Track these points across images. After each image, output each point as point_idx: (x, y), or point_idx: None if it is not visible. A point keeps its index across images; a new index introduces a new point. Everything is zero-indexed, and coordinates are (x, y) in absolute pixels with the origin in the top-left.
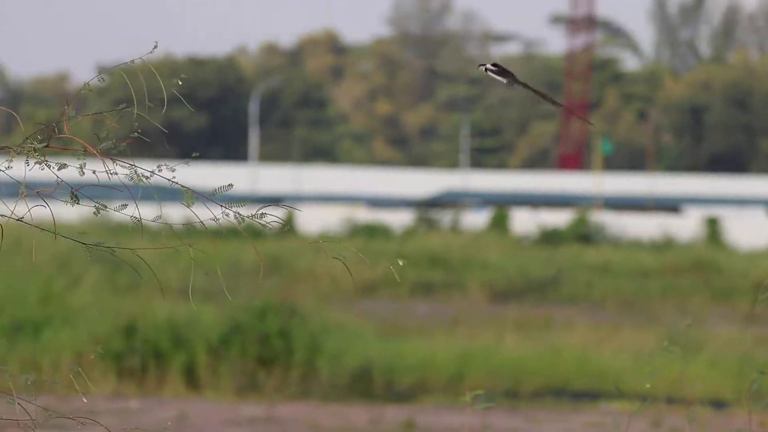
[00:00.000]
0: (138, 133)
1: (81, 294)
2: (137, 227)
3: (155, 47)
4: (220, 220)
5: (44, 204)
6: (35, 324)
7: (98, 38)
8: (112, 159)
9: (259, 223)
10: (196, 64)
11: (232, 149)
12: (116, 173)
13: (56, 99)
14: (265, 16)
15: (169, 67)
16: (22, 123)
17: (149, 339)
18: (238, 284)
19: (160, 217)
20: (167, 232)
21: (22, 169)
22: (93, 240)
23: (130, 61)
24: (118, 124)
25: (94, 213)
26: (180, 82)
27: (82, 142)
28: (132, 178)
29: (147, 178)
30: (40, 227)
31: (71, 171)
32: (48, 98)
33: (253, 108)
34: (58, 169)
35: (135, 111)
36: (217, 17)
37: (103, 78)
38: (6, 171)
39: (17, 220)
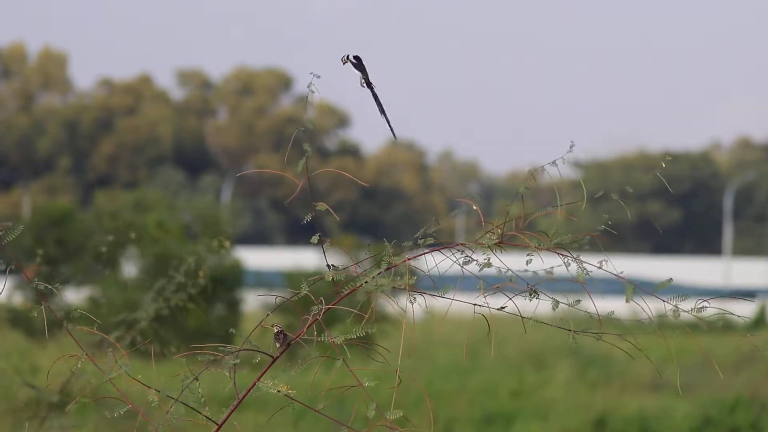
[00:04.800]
0: (608, 227)
1: (553, 388)
2: (607, 321)
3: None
4: (693, 314)
5: (508, 296)
6: (507, 417)
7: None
8: (568, 252)
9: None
10: (670, 158)
11: (705, 243)
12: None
13: (530, 194)
14: (739, 111)
15: (644, 161)
16: (493, 218)
17: None
18: (710, 378)
19: (613, 312)
20: (638, 325)
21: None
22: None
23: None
24: (590, 219)
25: (553, 308)
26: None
27: (521, 235)
28: (582, 272)
29: (589, 272)
30: (522, 317)
31: (539, 262)
32: (522, 193)
33: (728, 202)
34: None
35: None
36: (691, 112)
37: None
38: (460, 263)
39: (499, 309)
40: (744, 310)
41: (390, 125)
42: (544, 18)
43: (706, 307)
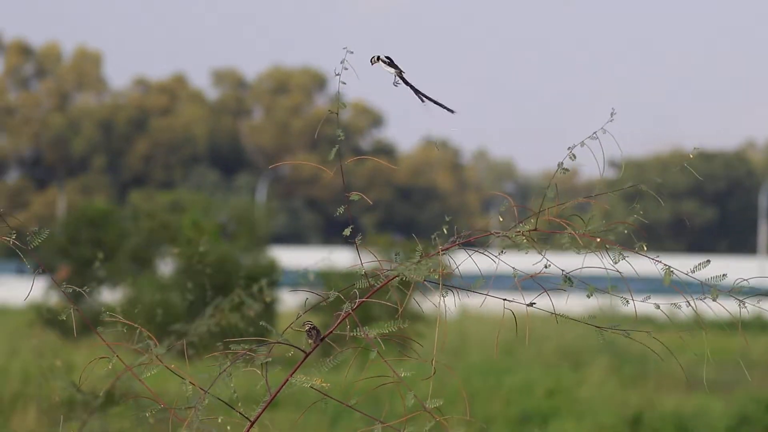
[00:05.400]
0: (641, 219)
1: (589, 386)
2: (645, 318)
3: (613, 113)
4: (732, 312)
5: (547, 293)
6: (543, 416)
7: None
8: (606, 246)
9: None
10: (705, 157)
11: (740, 242)
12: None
13: (566, 192)
14: None
15: (679, 160)
16: (528, 215)
17: (655, 431)
18: (747, 376)
19: (649, 297)
20: (674, 324)
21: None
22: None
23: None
24: (626, 217)
25: (587, 295)
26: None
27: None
28: (616, 263)
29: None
30: (554, 313)
31: (573, 260)
32: (558, 192)
33: (763, 201)
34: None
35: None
36: (727, 111)
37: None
38: (499, 258)
39: (528, 305)
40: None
41: (440, 104)
42: (579, 18)
43: (744, 286)
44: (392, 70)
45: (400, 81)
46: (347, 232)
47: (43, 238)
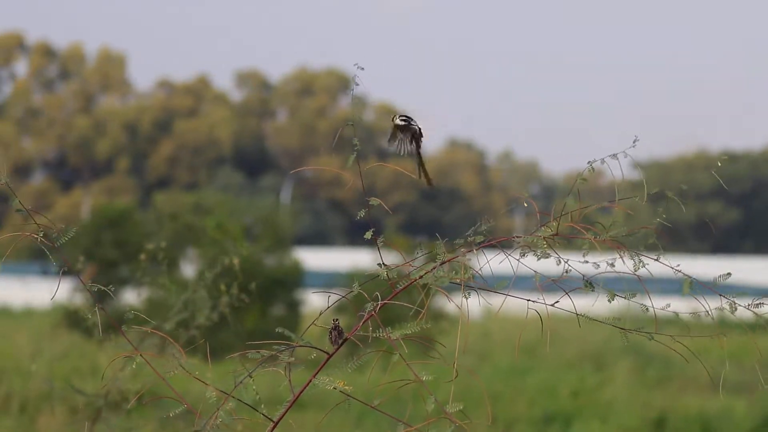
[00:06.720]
0: (665, 224)
1: (612, 387)
2: (668, 320)
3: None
4: (756, 313)
5: (568, 295)
6: (566, 417)
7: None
8: (625, 249)
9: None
10: (730, 158)
11: (765, 243)
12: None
13: (589, 193)
14: None
15: (704, 161)
16: (551, 217)
17: None
18: (763, 381)
19: (669, 305)
20: (698, 324)
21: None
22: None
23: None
24: (650, 219)
25: (608, 300)
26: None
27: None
28: (638, 268)
29: (642, 265)
30: (577, 314)
31: (597, 259)
32: (582, 192)
33: None
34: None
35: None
36: (753, 112)
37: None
38: (520, 260)
39: (551, 305)
40: None
41: (427, 175)
42: (603, 18)
43: (764, 303)
44: (402, 134)
45: (408, 147)
46: (369, 235)
47: (70, 236)
